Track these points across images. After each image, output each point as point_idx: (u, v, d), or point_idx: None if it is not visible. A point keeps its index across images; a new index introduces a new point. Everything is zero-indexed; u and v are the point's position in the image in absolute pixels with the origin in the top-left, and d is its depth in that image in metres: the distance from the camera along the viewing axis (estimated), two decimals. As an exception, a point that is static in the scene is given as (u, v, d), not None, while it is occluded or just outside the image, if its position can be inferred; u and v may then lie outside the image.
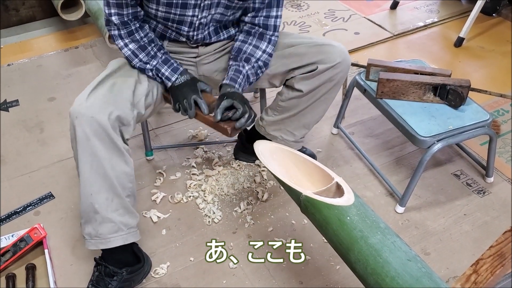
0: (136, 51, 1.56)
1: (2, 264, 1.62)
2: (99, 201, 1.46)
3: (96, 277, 1.55)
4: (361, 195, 1.89)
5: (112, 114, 1.42)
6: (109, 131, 1.40)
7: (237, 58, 1.64)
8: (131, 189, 1.53)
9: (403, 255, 1.09)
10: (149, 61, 1.58)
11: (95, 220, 1.48)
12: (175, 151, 2.11)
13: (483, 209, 1.86)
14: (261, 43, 1.64)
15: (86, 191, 1.45)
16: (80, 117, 1.39)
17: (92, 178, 1.44)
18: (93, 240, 1.51)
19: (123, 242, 1.52)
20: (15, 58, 2.72)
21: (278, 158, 1.46)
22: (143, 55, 1.57)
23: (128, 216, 1.53)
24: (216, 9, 1.55)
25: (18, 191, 1.94)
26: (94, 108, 1.40)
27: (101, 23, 2.54)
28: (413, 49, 2.80)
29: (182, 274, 1.65)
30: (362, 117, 2.30)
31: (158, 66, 1.58)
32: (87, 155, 1.41)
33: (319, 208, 1.23)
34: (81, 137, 1.40)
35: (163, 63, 1.58)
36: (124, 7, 1.49)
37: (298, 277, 1.64)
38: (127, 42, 1.56)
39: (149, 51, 1.57)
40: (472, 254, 1.70)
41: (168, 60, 1.60)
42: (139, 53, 1.56)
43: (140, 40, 1.56)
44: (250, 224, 1.80)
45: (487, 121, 1.75)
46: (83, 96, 1.44)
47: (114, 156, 1.44)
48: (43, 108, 2.36)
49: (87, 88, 1.48)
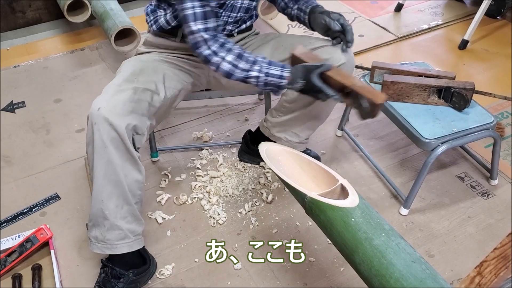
0: (234, 61, 1.46)
1: (9, 264, 1.63)
2: (109, 208, 1.46)
3: (103, 278, 1.56)
4: (366, 197, 1.89)
5: (131, 123, 1.42)
6: (125, 140, 1.41)
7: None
8: (140, 196, 1.54)
9: (407, 256, 1.09)
10: (251, 67, 1.47)
11: (103, 226, 1.49)
12: (180, 153, 2.12)
13: (487, 212, 1.86)
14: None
15: (97, 196, 1.46)
16: (99, 123, 1.39)
17: (104, 184, 1.44)
18: (99, 244, 1.52)
19: (129, 250, 1.54)
20: (21, 60, 2.74)
21: (282, 160, 1.47)
22: (243, 64, 1.47)
23: (135, 223, 1.54)
24: None
25: (24, 192, 1.95)
26: (114, 116, 1.39)
27: (107, 25, 2.56)
28: (417, 52, 2.80)
29: (187, 275, 1.66)
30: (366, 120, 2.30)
31: (264, 69, 1.47)
32: (103, 162, 1.42)
33: (324, 210, 1.23)
34: (98, 144, 1.40)
35: (269, 65, 1.48)
36: (209, 17, 1.44)
37: (303, 279, 1.64)
38: (224, 56, 1.46)
39: (247, 58, 1.48)
40: (476, 256, 1.70)
41: (271, 61, 1.50)
42: (238, 62, 1.47)
43: (233, 49, 1.48)
44: (255, 225, 1.81)
45: (491, 123, 1.75)
46: (102, 100, 1.42)
47: (128, 164, 1.45)
48: (49, 110, 2.38)
49: (106, 91, 1.46)
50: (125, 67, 1.60)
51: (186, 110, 2.34)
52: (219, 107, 2.37)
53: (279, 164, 1.44)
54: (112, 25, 2.52)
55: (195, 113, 2.33)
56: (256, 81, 1.49)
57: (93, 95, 2.41)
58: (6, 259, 1.64)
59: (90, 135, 1.42)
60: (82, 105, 2.40)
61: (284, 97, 1.77)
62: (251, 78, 1.48)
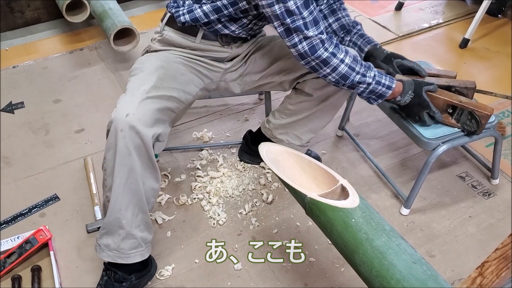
0: (352, 64, 1.43)
1: (8, 266, 1.63)
2: (127, 217, 1.44)
3: (105, 281, 1.54)
4: (366, 197, 1.89)
5: (156, 132, 1.40)
6: (149, 149, 1.38)
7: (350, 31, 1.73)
8: (153, 203, 1.53)
9: (408, 257, 1.08)
10: (366, 72, 1.46)
11: (118, 235, 1.47)
12: (180, 153, 2.12)
13: (488, 211, 1.86)
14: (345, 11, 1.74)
15: (115, 205, 1.42)
16: (125, 130, 1.33)
17: (124, 193, 1.41)
18: (111, 252, 1.49)
19: (141, 258, 1.52)
20: (20, 60, 2.73)
21: (283, 160, 1.46)
22: (359, 67, 1.45)
23: (147, 231, 1.53)
24: None
25: (23, 193, 1.94)
26: (142, 125, 1.34)
27: (106, 25, 2.55)
28: (418, 51, 2.79)
29: (187, 276, 1.65)
30: (366, 119, 2.30)
31: (377, 77, 1.48)
32: (125, 169, 1.38)
33: (324, 210, 1.23)
34: (122, 151, 1.35)
35: (380, 73, 1.49)
36: (320, 20, 1.40)
37: (303, 279, 1.63)
38: (343, 58, 1.43)
39: (361, 62, 1.46)
40: (478, 256, 1.70)
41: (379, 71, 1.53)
42: (355, 65, 1.44)
43: (349, 50, 1.45)
44: (255, 226, 1.80)
45: (493, 123, 1.74)
46: (131, 107, 1.36)
47: (148, 172, 1.43)
48: (49, 110, 2.37)
49: (133, 95, 1.40)
50: (147, 66, 1.53)
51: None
52: (219, 107, 2.37)
53: (279, 165, 1.43)
54: (111, 25, 2.51)
55: (195, 113, 2.33)
56: (365, 88, 1.49)
57: (93, 95, 2.44)
58: (6, 261, 1.63)
59: (113, 141, 1.36)
60: (82, 105, 2.39)
61: (288, 100, 1.76)
62: (363, 83, 1.47)
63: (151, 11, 3.17)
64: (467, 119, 1.66)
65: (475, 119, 1.64)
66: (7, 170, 2.05)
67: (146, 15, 3.13)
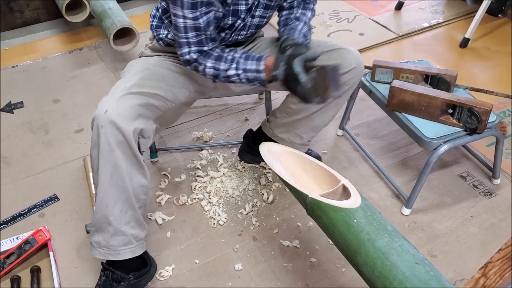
0: (215, 65, 1.47)
1: (7, 266, 1.62)
2: (114, 213, 1.44)
3: (103, 281, 1.54)
4: (367, 197, 1.88)
5: (138, 127, 1.40)
6: (132, 144, 1.39)
7: (286, 23, 1.64)
8: (144, 201, 1.53)
9: (411, 258, 1.08)
10: (230, 66, 1.47)
11: (107, 232, 1.47)
12: (180, 153, 2.11)
13: (489, 211, 1.85)
14: (306, 11, 1.67)
15: (102, 201, 1.44)
16: (106, 126, 1.35)
17: (110, 189, 1.42)
18: (102, 249, 1.50)
19: (132, 255, 1.52)
20: (19, 60, 2.72)
21: (283, 160, 1.45)
22: (222, 64, 1.48)
23: (139, 228, 1.52)
24: (256, 11, 1.56)
25: (23, 193, 1.94)
26: (122, 120, 1.36)
27: (105, 24, 2.54)
28: (418, 50, 2.79)
29: (187, 276, 1.64)
30: (367, 119, 2.29)
31: (241, 65, 1.46)
32: (109, 166, 1.39)
33: (326, 211, 1.22)
34: (104, 148, 1.37)
35: (245, 60, 1.47)
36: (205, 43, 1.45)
37: (304, 280, 1.63)
38: (205, 62, 1.48)
39: (226, 57, 1.48)
40: (479, 256, 1.69)
41: (248, 55, 1.48)
42: (218, 65, 1.47)
43: (212, 52, 1.48)
44: (256, 226, 1.79)
45: (494, 122, 1.74)
46: (110, 103, 1.38)
47: (134, 168, 1.43)
48: (48, 110, 2.36)
49: (114, 93, 1.42)
50: (133, 68, 1.57)
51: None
52: (219, 107, 2.36)
53: (280, 165, 1.42)
54: (110, 25, 2.50)
55: (194, 113, 2.32)
56: (239, 79, 1.49)
57: (92, 95, 2.43)
58: (5, 261, 1.62)
59: (96, 138, 1.38)
60: (81, 105, 2.39)
61: (290, 99, 1.75)
62: (232, 76, 1.48)
63: (150, 11, 3.15)
64: (467, 116, 1.66)
65: (475, 115, 1.64)
66: (6, 170, 2.04)
67: (145, 15, 3.12)
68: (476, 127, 1.67)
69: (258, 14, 1.59)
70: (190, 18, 1.39)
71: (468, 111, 1.66)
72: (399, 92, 1.74)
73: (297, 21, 1.63)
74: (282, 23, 1.67)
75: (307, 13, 1.67)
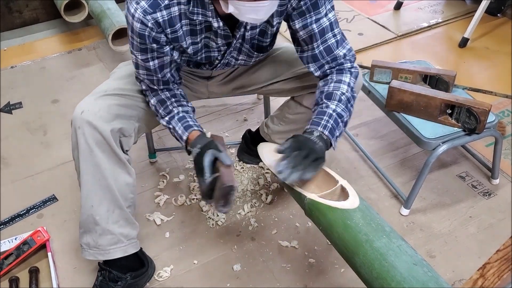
0: (157, 106, 1.47)
1: (5, 267, 1.61)
2: (100, 213, 1.45)
3: (100, 282, 1.54)
4: (366, 197, 1.88)
5: (116, 127, 1.40)
6: (111, 143, 1.39)
7: (317, 103, 1.41)
8: (132, 199, 1.52)
9: (409, 259, 1.07)
10: (165, 116, 1.46)
11: (95, 232, 1.47)
12: (179, 153, 2.11)
13: (488, 211, 1.85)
14: (343, 76, 1.41)
15: (87, 202, 1.44)
16: (83, 127, 1.36)
17: (94, 189, 1.42)
18: (92, 250, 1.50)
19: (123, 254, 1.52)
20: (18, 60, 2.72)
21: (282, 161, 1.45)
22: (162, 110, 1.47)
23: (129, 227, 1.52)
24: (238, 55, 1.51)
25: (21, 194, 1.93)
26: (98, 119, 1.36)
27: (104, 25, 2.54)
28: (417, 50, 2.79)
29: (185, 277, 1.64)
30: (366, 119, 2.29)
31: (173, 123, 1.44)
32: (90, 166, 1.40)
33: (324, 212, 1.22)
34: (83, 148, 1.38)
35: (179, 121, 1.44)
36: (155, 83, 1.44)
37: (303, 280, 1.62)
38: (150, 99, 1.48)
39: (167, 106, 1.46)
40: (478, 257, 1.69)
41: (184, 116, 1.45)
42: (158, 108, 1.47)
43: (161, 94, 1.46)
44: (254, 226, 1.79)
45: (493, 122, 1.74)
46: (86, 104, 1.39)
47: (117, 167, 1.43)
48: (47, 111, 2.36)
49: (92, 95, 1.44)
50: (121, 71, 1.57)
51: (184, 110, 2.33)
52: (218, 107, 2.36)
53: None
54: (109, 25, 2.50)
55: (193, 113, 2.32)
56: (169, 131, 1.48)
57: (91, 95, 2.43)
58: (3, 262, 1.62)
59: (75, 140, 1.40)
60: (80, 105, 2.38)
61: (287, 109, 1.74)
62: (164, 125, 1.48)
63: (149, 11, 3.16)
64: (466, 116, 1.66)
65: (474, 115, 1.64)
66: (4, 170, 2.04)
67: (144, 15, 3.11)
68: (475, 127, 1.67)
69: (241, 58, 1.53)
70: (140, 59, 1.37)
71: (467, 111, 1.66)
72: (398, 92, 1.74)
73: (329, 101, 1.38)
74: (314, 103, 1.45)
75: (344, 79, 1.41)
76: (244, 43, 1.46)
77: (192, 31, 1.36)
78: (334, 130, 1.36)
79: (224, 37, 1.40)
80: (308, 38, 1.40)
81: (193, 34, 1.37)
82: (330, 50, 1.41)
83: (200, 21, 1.33)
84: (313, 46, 1.41)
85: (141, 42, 1.31)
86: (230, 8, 1.19)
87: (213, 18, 1.31)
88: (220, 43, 1.42)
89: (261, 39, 1.48)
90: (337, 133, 1.37)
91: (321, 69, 1.45)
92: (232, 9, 1.19)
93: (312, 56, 1.43)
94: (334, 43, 1.41)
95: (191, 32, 1.36)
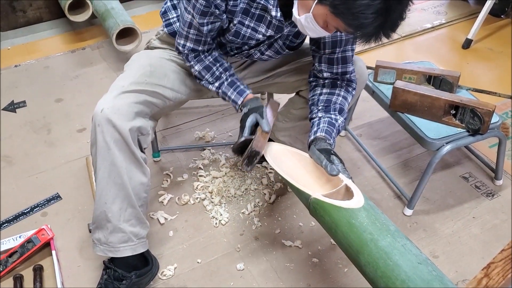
0: (202, 72, 1.54)
1: (10, 265, 1.62)
2: (112, 211, 1.45)
3: (105, 280, 1.54)
4: (369, 198, 1.87)
5: (135, 125, 1.41)
6: (129, 142, 1.40)
7: (329, 109, 1.51)
8: (145, 199, 1.53)
9: (413, 258, 1.08)
10: (214, 82, 1.55)
11: (106, 228, 1.48)
12: (182, 153, 2.11)
13: (492, 212, 1.85)
14: (348, 94, 1.55)
15: (101, 198, 1.45)
16: (102, 125, 1.37)
17: (108, 187, 1.43)
18: (102, 246, 1.51)
19: (132, 253, 1.52)
20: (22, 59, 2.73)
21: (286, 160, 1.45)
22: (209, 75, 1.54)
23: (139, 226, 1.53)
24: (266, 50, 1.57)
25: (25, 192, 1.94)
26: (117, 118, 1.37)
27: (108, 24, 2.54)
28: (420, 51, 2.79)
29: (189, 275, 1.64)
30: (370, 119, 2.29)
31: (223, 88, 1.54)
32: (107, 164, 1.41)
33: (328, 211, 1.22)
34: (101, 146, 1.39)
35: (229, 87, 1.54)
36: (201, 44, 1.50)
37: (306, 280, 1.63)
38: (193, 64, 1.54)
39: (214, 71, 1.54)
40: (481, 257, 1.69)
41: (234, 81, 1.55)
42: (204, 74, 1.54)
43: (205, 60, 1.54)
44: (258, 226, 1.80)
45: (496, 123, 1.74)
46: (107, 101, 1.40)
47: (133, 166, 1.44)
48: (50, 109, 2.37)
49: (112, 91, 1.44)
50: (135, 64, 1.57)
51: (187, 110, 2.33)
52: (221, 106, 2.36)
53: (282, 164, 1.42)
54: (113, 24, 2.51)
55: (196, 113, 2.32)
56: (216, 93, 1.58)
57: (95, 94, 2.43)
58: (7, 260, 1.62)
59: (94, 137, 1.41)
60: (83, 105, 2.39)
61: (292, 104, 1.75)
62: (211, 90, 1.57)
63: (153, 11, 3.16)
64: (470, 117, 1.67)
65: (478, 116, 1.64)
66: (8, 169, 2.04)
67: (148, 15, 3.12)
68: (478, 128, 1.67)
69: (267, 54, 1.59)
70: (197, 21, 1.42)
71: (470, 112, 1.66)
72: (402, 92, 1.74)
73: (337, 115, 1.51)
74: (322, 102, 1.54)
75: (348, 96, 1.56)
76: (279, 39, 1.52)
77: (246, 10, 1.41)
78: (334, 139, 1.50)
79: (277, 28, 1.45)
80: (331, 42, 1.49)
81: (245, 14, 1.42)
82: (345, 61, 1.52)
83: (258, 5, 1.38)
84: (334, 50, 1.50)
85: (205, 5, 1.36)
86: (302, 18, 1.26)
87: (273, 7, 1.36)
88: (263, 32, 1.46)
89: (294, 40, 1.56)
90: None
91: (331, 74, 1.54)
92: (303, 19, 1.26)
93: (329, 59, 1.52)
94: (350, 56, 1.53)
95: (244, 11, 1.41)
